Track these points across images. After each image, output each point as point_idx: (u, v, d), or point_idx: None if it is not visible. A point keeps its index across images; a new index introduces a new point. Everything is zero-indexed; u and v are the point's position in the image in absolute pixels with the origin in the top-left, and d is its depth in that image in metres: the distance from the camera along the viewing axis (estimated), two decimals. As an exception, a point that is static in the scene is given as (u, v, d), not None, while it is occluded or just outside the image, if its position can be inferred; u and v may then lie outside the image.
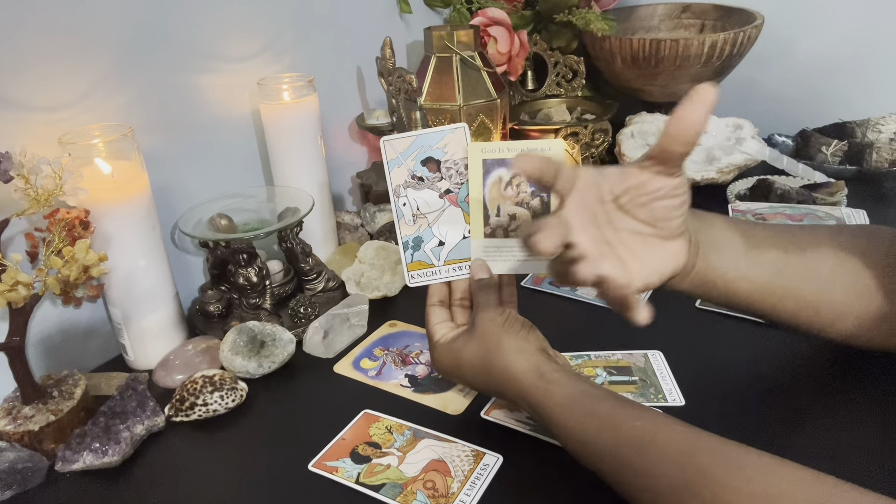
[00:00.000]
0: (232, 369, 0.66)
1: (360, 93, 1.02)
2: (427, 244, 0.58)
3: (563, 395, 0.48)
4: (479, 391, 0.60)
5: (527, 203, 0.56)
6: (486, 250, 0.58)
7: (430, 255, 0.58)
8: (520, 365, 0.51)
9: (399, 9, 1.07)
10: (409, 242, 0.58)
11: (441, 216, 0.58)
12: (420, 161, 0.57)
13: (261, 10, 0.83)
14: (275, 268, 0.78)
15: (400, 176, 0.57)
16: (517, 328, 0.53)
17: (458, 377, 0.56)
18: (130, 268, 0.66)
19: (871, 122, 1.02)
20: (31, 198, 0.55)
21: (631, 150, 1.03)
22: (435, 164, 0.57)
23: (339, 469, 0.54)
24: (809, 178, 0.96)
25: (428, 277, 0.59)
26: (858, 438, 0.53)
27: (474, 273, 0.57)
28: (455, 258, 0.58)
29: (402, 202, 0.57)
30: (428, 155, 0.57)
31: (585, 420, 0.47)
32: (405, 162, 0.57)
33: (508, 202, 0.56)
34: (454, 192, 0.57)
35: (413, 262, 0.58)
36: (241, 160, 0.85)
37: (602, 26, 1.06)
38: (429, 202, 0.57)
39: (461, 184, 0.57)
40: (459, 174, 0.57)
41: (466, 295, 0.59)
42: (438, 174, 0.57)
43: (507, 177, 0.56)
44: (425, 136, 0.56)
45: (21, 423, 0.57)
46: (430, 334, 0.57)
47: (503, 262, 0.58)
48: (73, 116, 0.65)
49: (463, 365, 0.54)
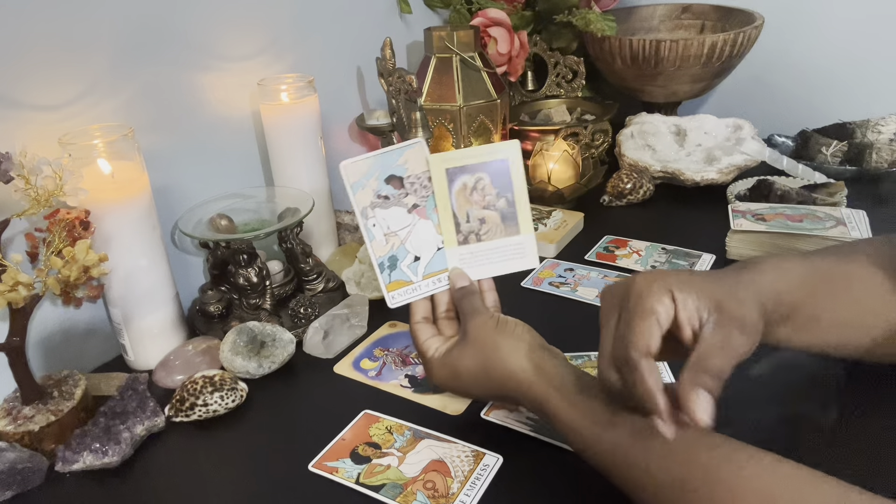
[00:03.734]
0: (232, 369, 0.66)
1: (360, 93, 1.02)
2: (402, 261, 0.58)
3: (565, 390, 0.49)
4: (480, 399, 0.59)
5: (493, 205, 0.57)
6: (461, 258, 0.58)
7: (408, 272, 0.58)
8: (519, 364, 0.51)
9: (399, 9, 1.07)
10: (385, 263, 0.57)
11: (412, 231, 0.58)
12: (383, 180, 0.57)
13: (261, 10, 0.83)
14: (275, 268, 0.78)
15: (365, 197, 0.57)
16: (511, 328, 0.53)
17: (458, 388, 0.55)
18: (130, 268, 0.66)
19: (871, 123, 1.02)
20: (31, 198, 0.55)
21: (631, 151, 1.03)
22: (398, 180, 0.57)
23: (339, 469, 0.54)
24: (809, 178, 0.96)
25: (408, 295, 0.58)
26: (859, 438, 0.53)
27: (454, 282, 0.57)
28: (433, 271, 0.58)
29: (372, 223, 0.57)
30: (390, 173, 0.57)
31: (587, 416, 0.47)
32: (368, 183, 0.57)
33: (476, 207, 0.57)
34: (421, 205, 0.57)
35: (391, 283, 0.58)
36: (241, 160, 0.85)
37: (602, 27, 1.06)
38: (398, 219, 0.57)
39: (427, 196, 0.57)
40: (424, 187, 0.57)
41: (451, 306, 0.58)
42: (403, 190, 0.57)
43: (471, 182, 0.57)
44: (384, 155, 0.57)
45: (21, 423, 0.57)
46: (423, 351, 0.56)
47: (480, 266, 0.58)
48: (74, 117, 0.65)
49: (461, 374, 0.53)
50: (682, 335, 0.43)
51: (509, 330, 0.53)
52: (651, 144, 1.04)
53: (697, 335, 0.43)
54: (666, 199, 1.00)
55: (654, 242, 0.86)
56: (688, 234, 0.87)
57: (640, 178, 0.98)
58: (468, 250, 0.58)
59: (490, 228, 0.58)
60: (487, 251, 0.58)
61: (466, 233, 0.58)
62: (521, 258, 0.58)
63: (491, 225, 0.58)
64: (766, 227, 0.79)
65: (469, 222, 0.57)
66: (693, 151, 1.03)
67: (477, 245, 0.58)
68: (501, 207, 0.57)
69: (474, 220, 0.57)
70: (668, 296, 0.43)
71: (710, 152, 1.02)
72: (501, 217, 0.58)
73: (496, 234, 0.58)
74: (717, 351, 0.42)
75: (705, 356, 0.41)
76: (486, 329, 0.53)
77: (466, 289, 0.57)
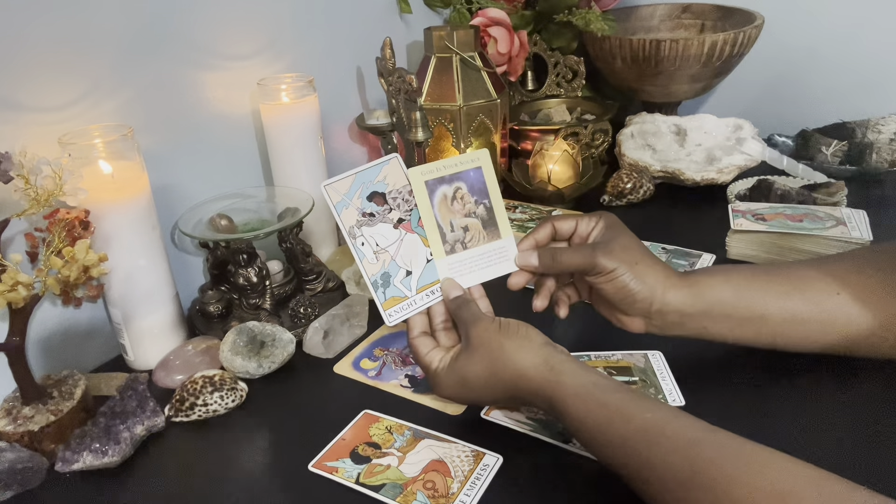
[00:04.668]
0: (232, 369, 0.66)
1: (360, 93, 1.02)
2: (395, 278, 0.58)
3: (575, 385, 0.49)
4: (490, 404, 0.59)
5: (474, 213, 0.59)
6: (451, 267, 0.59)
7: (402, 288, 0.58)
8: (528, 361, 0.51)
9: (399, 9, 1.07)
10: (378, 281, 0.58)
11: (401, 246, 0.58)
12: (366, 197, 0.57)
13: (261, 10, 0.83)
14: (275, 268, 0.78)
15: (351, 216, 0.57)
16: (515, 329, 0.53)
17: (467, 396, 0.56)
18: (130, 268, 0.66)
19: (871, 122, 1.02)
20: (31, 198, 0.55)
21: (631, 151, 1.03)
22: (381, 196, 0.58)
23: (339, 469, 0.54)
24: (809, 178, 0.96)
25: (405, 311, 0.58)
26: (860, 438, 0.53)
27: (447, 293, 0.58)
28: (425, 283, 0.59)
29: (361, 242, 0.57)
30: (371, 190, 0.57)
31: (597, 411, 0.47)
32: (352, 201, 0.57)
33: (458, 216, 0.59)
34: (406, 219, 0.58)
35: (387, 301, 0.58)
36: (241, 160, 0.85)
37: (602, 26, 1.06)
38: (386, 235, 0.58)
39: (411, 210, 0.58)
40: (406, 201, 0.58)
41: (447, 316, 0.59)
42: (387, 206, 0.58)
43: (450, 192, 0.58)
44: (363, 172, 0.57)
45: (21, 423, 0.57)
46: (426, 365, 0.56)
47: (470, 273, 0.59)
48: (73, 116, 0.65)
49: (469, 382, 0.54)
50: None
51: (513, 330, 0.53)
52: (651, 144, 1.04)
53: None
54: (666, 199, 1.00)
55: (654, 242, 0.86)
56: (688, 234, 0.87)
57: (640, 178, 0.98)
58: (456, 259, 0.59)
59: (474, 235, 0.59)
60: (474, 258, 0.59)
61: (452, 242, 0.59)
62: (507, 261, 0.60)
63: (474, 232, 0.59)
64: (766, 226, 0.79)
65: (453, 231, 0.59)
66: (693, 151, 1.03)
67: (464, 253, 0.59)
68: (481, 214, 0.59)
69: (458, 228, 0.59)
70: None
71: (711, 152, 1.02)
72: (483, 223, 0.59)
73: (480, 240, 0.59)
74: (580, 250, 0.57)
75: (566, 250, 0.57)
76: (489, 333, 0.53)
77: (461, 298, 0.57)
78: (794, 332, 0.57)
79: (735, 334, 0.58)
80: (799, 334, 0.57)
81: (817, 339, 0.57)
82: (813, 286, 0.56)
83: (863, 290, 0.55)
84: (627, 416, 0.46)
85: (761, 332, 0.57)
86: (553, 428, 0.57)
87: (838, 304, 0.55)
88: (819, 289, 0.56)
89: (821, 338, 0.57)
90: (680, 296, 0.56)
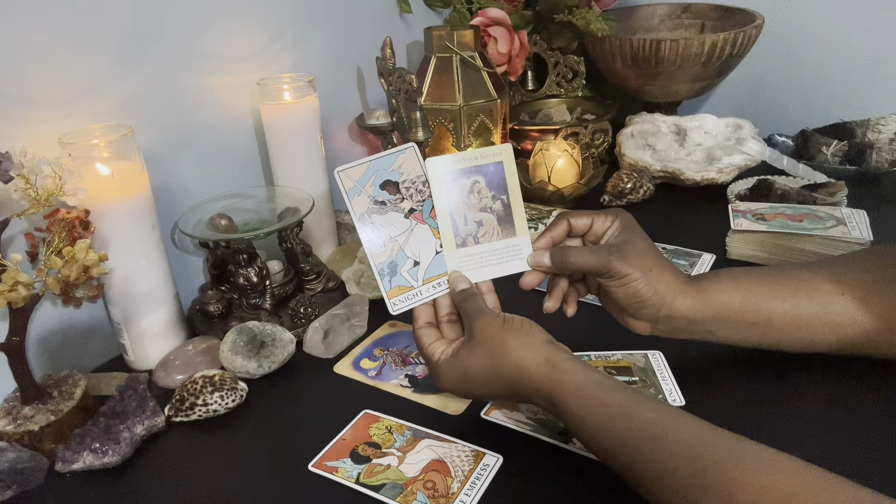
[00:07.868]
0: (232, 369, 0.66)
1: (360, 93, 1.02)
2: (402, 267, 0.58)
3: (576, 384, 0.49)
4: (490, 399, 0.59)
5: (490, 207, 0.58)
6: (460, 261, 0.58)
7: (408, 278, 0.58)
8: (529, 359, 0.51)
9: (399, 9, 1.07)
10: (385, 269, 0.57)
11: (410, 236, 0.58)
12: (378, 185, 0.57)
13: (261, 10, 0.83)
14: (275, 268, 0.78)
15: (362, 203, 0.57)
16: (518, 325, 0.53)
17: (467, 390, 0.55)
18: (130, 268, 0.66)
19: (871, 122, 1.02)
20: (31, 198, 0.55)
21: (631, 151, 1.03)
22: (394, 185, 0.57)
23: (339, 469, 0.54)
24: (809, 178, 0.96)
25: (410, 301, 0.58)
26: (860, 438, 0.53)
27: (454, 286, 0.58)
28: (433, 275, 0.58)
29: (370, 229, 0.57)
30: (385, 178, 0.57)
31: (598, 410, 0.47)
32: (364, 189, 0.57)
33: (473, 210, 0.58)
34: (418, 210, 0.58)
35: (392, 289, 0.58)
36: (241, 160, 0.85)
37: (602, 26, 1.06)
38: (395, 224, 0.57)
39: (423, 200, 0.58)
40: (419, 192, 0.58)
41: (452, 309, 0.58)
42: (399, 195, 0.57)
43: (467, 185, 0.58)
44: (378, 160, 0.57)
45: (21, 423, 0.57)
46: (428, 356, 0.56)
47: (479, 269, 0.58)
48: (73, 116, 0.65)
49: (470, 376, 0.53)
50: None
51: (517, 327, 0.52)
52: (651, 144, 1.04)
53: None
54: (666, 199, 1.00)
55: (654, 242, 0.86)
56: (688, 234, 0.87)
57: (641, 178, 0.98)
58: (466, 253, 0.58)
59: (487, 231, 0.58)
60: (485, 254, 0.58)
61: (464, 235, 0.58)
62: (519, 260, 0.59)
63: (488, 227, 0.58)
64: (766, 226, 0.79)
65: (467, 225, 0.58)
66: (693, 151, 1.03)
67: (475, 248, 0.58)
68: (497, 210, 0.58)
69: (471, 222, 0.58)
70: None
71: (711, 152, 1.02)
72: (498, 219, 0.58)
73: (493, 236, 0.58)
74: (595, 252, 0.56)
75: (580, 251, 0.56)
76: (493, 328, 0.52)
77: (467, 291, 0.57)
78: (799, 333, 0.57)
79: (741, 337, 0.58)
80: (804, 336, 0.57)
81: (822, 340, 0.57)
82: (819, 288, 0.56)
83: (866, 291, 0.55)
84: (629, 416, 0.46)
85: (767, 334, 0.57)
86: (553, 428, 0.56)
87: (843, 306, 0.55)
88: (825, 291, 0.56)
89: (825, 339, 0.57)
90: (688, 302, 0.56)
